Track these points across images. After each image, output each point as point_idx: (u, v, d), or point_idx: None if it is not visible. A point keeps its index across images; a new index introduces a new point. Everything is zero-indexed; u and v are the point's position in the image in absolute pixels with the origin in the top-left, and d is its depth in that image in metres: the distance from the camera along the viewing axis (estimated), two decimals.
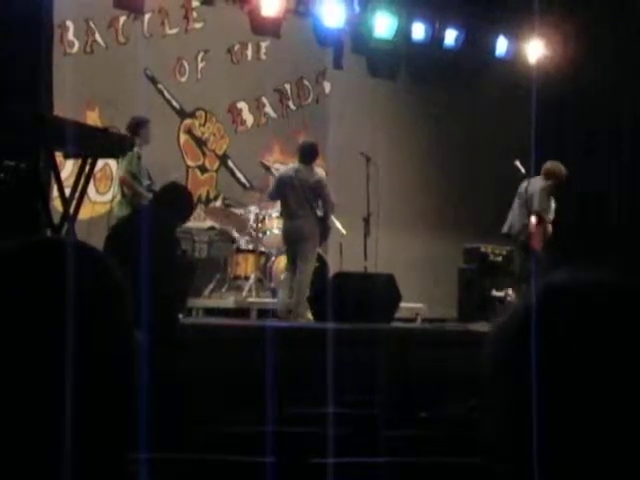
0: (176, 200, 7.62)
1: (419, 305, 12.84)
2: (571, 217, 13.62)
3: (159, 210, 7.32)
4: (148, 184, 10.23)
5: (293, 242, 10.52)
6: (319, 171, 10.84)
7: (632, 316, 1.13)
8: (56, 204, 9.03)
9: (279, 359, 4.06)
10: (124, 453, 1.27)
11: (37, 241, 1.28)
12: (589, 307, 1.14)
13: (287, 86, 14.12)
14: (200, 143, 13.42)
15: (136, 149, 9.71)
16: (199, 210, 12.92)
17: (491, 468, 1.19)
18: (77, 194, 7.61)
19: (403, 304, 10.50)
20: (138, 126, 10.21)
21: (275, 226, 11.87)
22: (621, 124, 14.62)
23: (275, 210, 11.74)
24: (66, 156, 8.57)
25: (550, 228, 11.42)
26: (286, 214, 10.70)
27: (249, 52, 13.77)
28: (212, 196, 13.32)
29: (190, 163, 13.31)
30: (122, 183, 10.10)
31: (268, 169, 12.00)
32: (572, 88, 14.76)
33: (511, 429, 1.15)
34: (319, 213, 10.40)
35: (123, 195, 10.15)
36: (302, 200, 10.33)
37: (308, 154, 10.60)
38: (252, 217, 12.08)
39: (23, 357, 1.19)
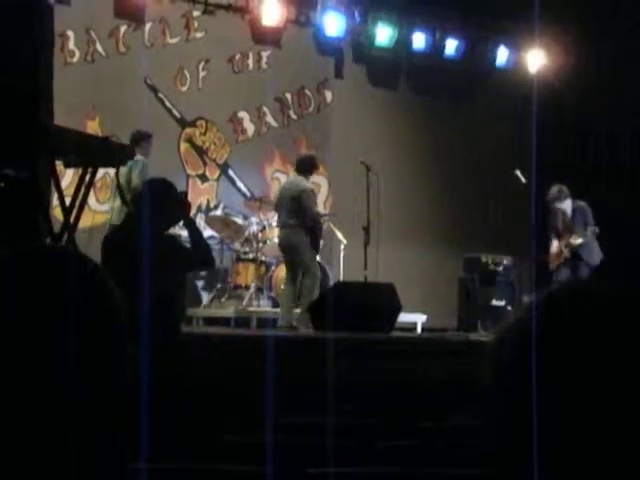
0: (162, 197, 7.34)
1: (419, 315, 12.84)
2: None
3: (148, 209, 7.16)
4: None
5: (284, 252, 10.76)
6: (308, 182, 10.86)
7: (633, 325, 1.14)
8: (56, 213, 9.03)
9: (278, 368, 4.05)
10: (125, 464, 1.27)
11: (30, 250, 1.28)
12: (591, 317, 1.14)
13: (288, 95, 14.13)
14: (201, 152, 13.43)
15: (143, 159, 9.83)
16: (199, 219, 12.93)
17: (492, 478, 1.19)
18: (77, 203, 7.60)
19: (403, 313, 10.48)
20: (141, 139, 10.29)
21: (275, 235, 11.89)
22: (620, 132, 14.62)
23: (275, 220, 11.77)
24: (66, 165, 8.56)
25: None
26: (277, 224, 11.03)
27: (250, 61, 13.78)
28: (212, 205, 13.32)
29: (190, 172, 13.32)
30: (128, 190, 10.07)
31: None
32: (572, 97, 14.78)
33: (513, 438, 1.15)
34: (309, 223, 10.48)
35: (124, 202, 10.12)
36: (289, 210, 10.46)
37: (301, 166, 10.76)
38: (253, 226, 12.11)
39: (19, 363, 1.19)
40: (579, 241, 11.67)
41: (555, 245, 11.95)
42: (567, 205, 11.88)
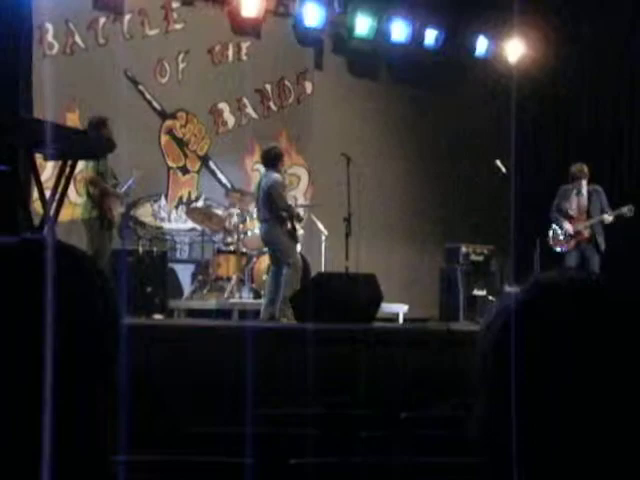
0: None
1: (401, 305, 12.86)
2: None
3: None
4: (114, 183, 10.18)
5: (266, 245, 10.84)
6: (280, 174, 10.87)
7: (618, 314, 1.14)
8: (36, 206, 9.00)
9: (260, 360, 4.06)
10: (108, 455, 1.26)
11: (28, 239, 1.27)
12: (576, 305, 1.14)
13: (268, 86, 14.11)
14: (181, 144, 13.40)
15: None
16: (180, 211, 12.92)
17: (476, 467, 1.19)
18: (57, 196, 7.57)
19: (384, 304, 10.50)
20: (101, 125, 9.95)
21: (256, 227, 11.88)
22: (601, 122, 14.66)
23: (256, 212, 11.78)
24: (46, 158, 8.52)
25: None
26: (257, 219, 11.04)
27: (230, 53, 13.75)
28: (193, 197, 13.31)
29: (171, 164, 13.29)
30: (91, 183, 9.96)
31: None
32: (552, 87, 14.81)
33: (497, 429, 1.15)
34: (284, 215, 10.53)
35: (89, 196, 10.02)
36: (264, 205, 10.51)
37: (266, 159, 10.78)
38: (233, 218, 12.10)
39: (8, 355, 1.18)
40: (610, 219, 11.58)
41: (567, 227, 11.72)
42: (583, 186, 11.78)
